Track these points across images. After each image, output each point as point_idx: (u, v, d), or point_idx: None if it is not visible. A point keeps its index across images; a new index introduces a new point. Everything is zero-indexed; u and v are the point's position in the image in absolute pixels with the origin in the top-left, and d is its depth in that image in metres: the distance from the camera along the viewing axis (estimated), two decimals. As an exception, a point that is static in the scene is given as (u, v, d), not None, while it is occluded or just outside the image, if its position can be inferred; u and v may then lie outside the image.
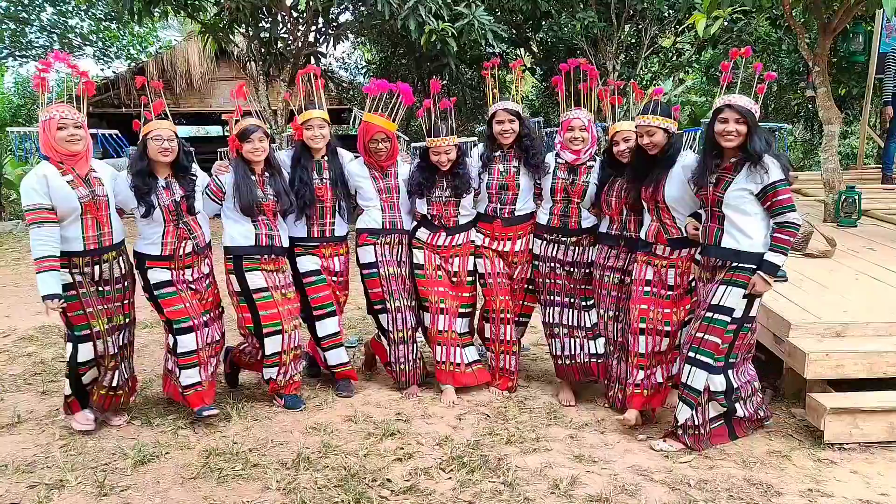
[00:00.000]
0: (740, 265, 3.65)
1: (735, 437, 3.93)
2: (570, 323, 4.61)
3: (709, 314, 3.75)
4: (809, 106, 12.83)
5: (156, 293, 4.20)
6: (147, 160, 4.09)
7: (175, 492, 3.53)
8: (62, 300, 3.84)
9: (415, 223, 4.80)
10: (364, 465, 3.74)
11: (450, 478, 3.62)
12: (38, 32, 16.84)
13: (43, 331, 6.26)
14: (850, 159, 13.47)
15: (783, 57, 12.35)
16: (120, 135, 11.40)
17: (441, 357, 4.70)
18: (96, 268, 3.99)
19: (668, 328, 4.07)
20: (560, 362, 4.65)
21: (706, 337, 3.75)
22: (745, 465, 3.69)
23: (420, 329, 4.86)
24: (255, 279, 4.36)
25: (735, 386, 3.82)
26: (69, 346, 4.07)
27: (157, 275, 4.19)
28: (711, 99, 17.54)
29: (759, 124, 3.65)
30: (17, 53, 17.04)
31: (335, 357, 4.73)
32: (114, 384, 4.19)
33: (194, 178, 4.28)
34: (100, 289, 4.04)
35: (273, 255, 4.43)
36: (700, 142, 4.49)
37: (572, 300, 4.59)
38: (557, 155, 4.51)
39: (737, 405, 3.85)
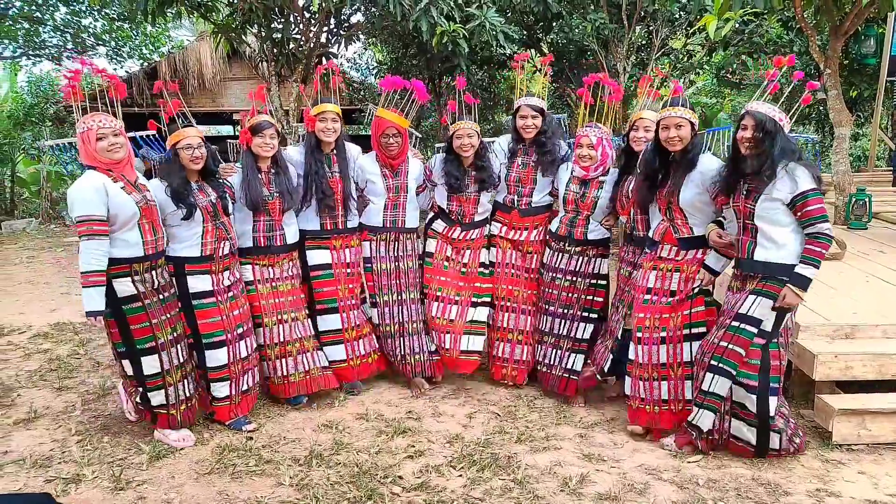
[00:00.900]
0: (772, 276, 3.56)
1: (762, 457, 3.79)
2: (559, 332, 4.70)
3: (735, 323, 3.65)
4: (820, 108, 12.81)
5: (193, 302, 4.13)
6: (182, 170, 4.09)
7: (190, 487, 3.59)
8: (104, 316, 3.76)
9: (431, 214, 4.95)
10: (375, 462, 3.79)
11: (460, 475, 3.67)
12: (51, 32, 16.92)
13: (58, 328, 6.34)
14: (862, 161, 13.45)
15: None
16: (157, 136, 11.44)
17: (436, 342, 4.86)
18: (153, 273, 3.93)
19: (664, 334, 4.00)
20: (538, 367, 4.82)
21: (730, 347, 3.65)
22: (753, 465, 3.72)
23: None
24: (245, 273, 4.45)
25: (773, 414, 3.67)
26: (125, 363, 3.95)
27: (196, 283, 4.13)
28: (722, 101, 17.55)
29: (781, 134, 3.52)
30: (30, 53, 17.14)
31: (333, 353, 4.75)
32: (187, 395, 4.10)
33: (222, 180, 4.32)
34: (161, 297, 3.97)
35: (270, 254, 4.49)
36: (716, 144, 4.53)
37: (567, 311, 4.67)
38: (573, 167, 4.60)
39: (772, 434, 3.71)
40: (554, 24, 11.44)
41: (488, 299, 4.90)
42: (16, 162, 14.46)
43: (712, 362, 3.72)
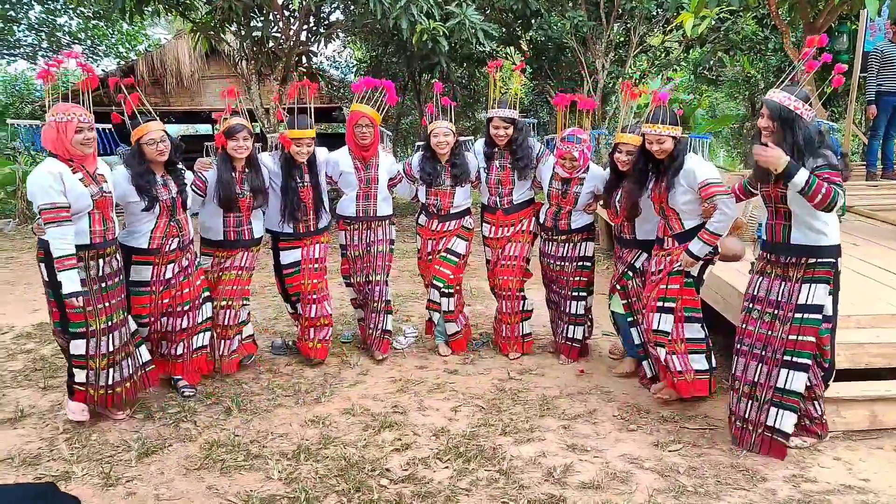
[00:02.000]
0: (819, 260, 3.55)
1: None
2: (558, 309, 5.27)
3: (798, 315, 3.61)
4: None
5: (130, 289, 4.40)
6: (145, 162, 4.31)
7: (179, 482, 3.63)
8: (85, 296, 3.96)
9: (418, 211, 5.48)
10: (363, 456, 3.85)
11: (447, 467, 3.73)
12: (25, 31, 16.81)
13: (41, 328, 6.32)
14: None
15: (769, 55, 12.51)
16: (112, 130, 11.43)
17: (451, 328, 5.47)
18: (100, 261, 4.08)
19: (653, 304, 4.28)
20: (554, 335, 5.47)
21: (799, 338, 3.62)
22: (732, 453, 3.81)
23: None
24: (204, 262, 4.86)
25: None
26: (58, 340, 4.26)
27: (138, 273, 4.43)
28: (699, 97, 17.73)
29: (798, 121, 3.43)
30: (5, 52, 17.02)
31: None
32: (109, 382, 4.23)
33: (183, 170, 4.54)
34: (103, 285, 4.11)
35: (237, 248, 4.88)
36: (699, 149, 4.68)
37: (562, 290, 5.17)
38: (555, 166, 4.97)
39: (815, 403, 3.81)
40: (533, 21, 11.53)
41: (441, 285, 5.27)
42: (-11, 162, 14.32)
43: (785, 358, 3.66)
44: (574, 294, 5.12)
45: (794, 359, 3.64)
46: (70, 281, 3.86)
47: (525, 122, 5.32)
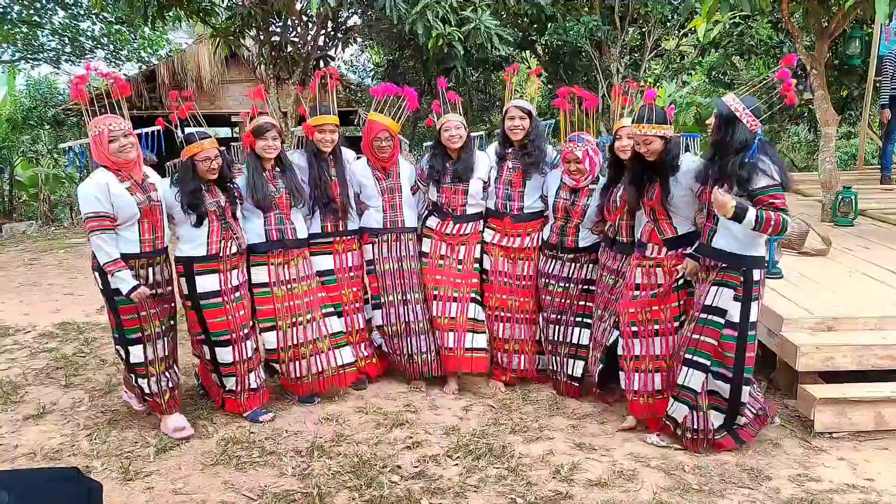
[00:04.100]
0: (729, 267, 3.69)
1: (742, 443, 3.91)
2: (556, 339, 4.78)
3: (703, 315, 3.79)
4: (811, 107, 12.96)
5: (202, 302, 4.26)
6: (196, 178, 4.21)
7: (196, 477, 3.73)
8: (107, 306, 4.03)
9: (426, 211, 5.00)
10: (375, 453, 3.94)
11: (456, 464, 3.81)
12: (49, 36, 17.04)
13: (62, 327, 6.46)
14: (855, 160, 13.59)
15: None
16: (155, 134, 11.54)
17: (439, 342, 4.89)
18: (150, 269, 4.10)
19: (657, 326, 4.10)
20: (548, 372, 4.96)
21: (701, 338, 3.80)
22: (738, 452, 3.86)
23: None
24: (260, 275, 4.52)
25: (745, 401, 3.83)
26: (119, 348, 4.19)
27: (204, 282, 4.24)
28: (715, 100, 17.65)
29: (738, 125, 3.58)
30: (28, 56, 17.24)
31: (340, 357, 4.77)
32: (170, 385, 4.27)
33: (235, 186, 4.43)
34: (156, 291, 4.13)
35: (285, 249, 4.54)
36: (692, 147, 4.65)
37: (561, 316, 4.74)
38: (563, 176, 4.64)
39: (742, 417, 3.87)
40: (548, 25, 11.58)
41: (480, 297, 4.94)
42: (14, 165, 14.55)
43: (686, 356, 3.86)
44: (577, 321, 4.70)
45: (694, 357, 3.83)
46: (124, 281, 3.91)
47: (541, 122, 5.09)
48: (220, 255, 4.26)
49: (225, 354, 4.33)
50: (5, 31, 15.78)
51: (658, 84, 12.98)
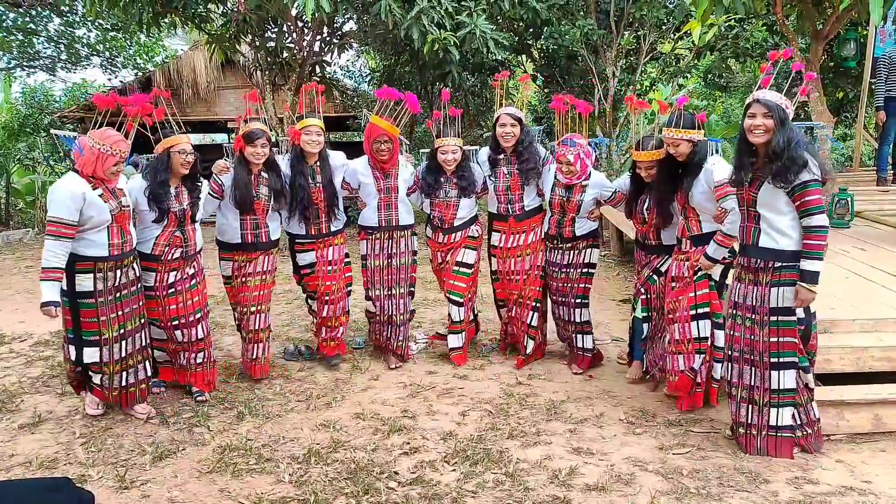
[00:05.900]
0: (785, 265, 3.62)
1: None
2: (564, 318, 5.26)
3: (773, 318, 3.70)
4: (807, 109, 12.99)
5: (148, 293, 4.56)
6: (169, 172, 4.42)
7: (192, 485, 3.71)
8: (59, 307, 4.11)
9: (426, 222, 5.49)
10: (372, 459, 3.92)
11: (454, 470, 3.80)
12: (45, 43, 17.04)
13: (58, 335, 6.41)
14: (851, 162, 13.61)
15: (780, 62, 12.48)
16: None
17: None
18: (117, 272, 4.24)
19: (678, 314, 4.34)
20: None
21: (780, 340, 3.71)
22: (736, 456, 3.85)
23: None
24: (225, 270, 5.03)
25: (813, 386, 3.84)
26: (71, 347, 4.35)
27: (144, 278, 4.51)
28: (712, 103, 17.73)
29: (789, 122, 3.58)
30: (24, 64, 17.26)
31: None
32: (124, 384, 4.41)
33: (199, 185, 4.66)
34: (118, 294, 4.27)
35: (257, 251, 4.97)
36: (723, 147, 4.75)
37: (563, 299, 5.19)
38: (556, 173, 4.95)
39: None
40: (544, 30, 11.60)
41: (459, 298, 5.30)
42: (10, 173, 14.54)
43: (771, 360, 3.75)
44: (578, 301, 5.15)
45: (782, 360, 3.74)
46: (49, 291, 4.02)
47: (531, 129, 5.35)
48: (161, 258, 4.53)
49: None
50: (1, 39, 15.77)
51: (654, 87, 13.00)
